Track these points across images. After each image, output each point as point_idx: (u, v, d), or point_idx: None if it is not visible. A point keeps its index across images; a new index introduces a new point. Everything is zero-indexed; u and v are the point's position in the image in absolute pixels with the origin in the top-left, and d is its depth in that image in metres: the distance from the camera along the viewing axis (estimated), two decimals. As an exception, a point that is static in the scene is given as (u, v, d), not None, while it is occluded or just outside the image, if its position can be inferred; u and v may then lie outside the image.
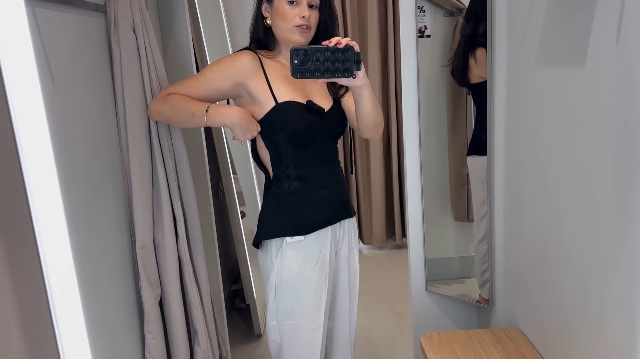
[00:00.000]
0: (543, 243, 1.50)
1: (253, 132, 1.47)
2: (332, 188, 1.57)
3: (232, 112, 1.46)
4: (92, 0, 1.44)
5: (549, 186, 1.43)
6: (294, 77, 1.33)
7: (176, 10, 1.95)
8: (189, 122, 1.50)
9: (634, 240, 1.03)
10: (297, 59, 1.31)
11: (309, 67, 1.31)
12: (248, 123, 1.46)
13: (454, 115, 2.12)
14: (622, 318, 1.10)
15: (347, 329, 1.72)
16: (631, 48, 1.00)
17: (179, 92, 1.50)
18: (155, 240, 1.58)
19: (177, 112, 1.48)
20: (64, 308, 1.08)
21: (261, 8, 1.55)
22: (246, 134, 1.47)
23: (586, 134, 1.20)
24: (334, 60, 1.31)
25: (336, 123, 1.59)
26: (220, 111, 1.46)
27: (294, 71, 1.32)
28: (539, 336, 1.59)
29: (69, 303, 1.16)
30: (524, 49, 1.52)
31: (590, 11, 1.14)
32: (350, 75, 1.34)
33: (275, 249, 1.54)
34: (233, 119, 1.45)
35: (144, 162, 1.53)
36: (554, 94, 1.36)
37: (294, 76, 1.33)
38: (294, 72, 1.32)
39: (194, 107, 1.46)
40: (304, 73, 1.32)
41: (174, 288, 1.61)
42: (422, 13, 2.01)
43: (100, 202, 1.42)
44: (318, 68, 1.31)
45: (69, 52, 1.32)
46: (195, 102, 1.48)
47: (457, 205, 2.20)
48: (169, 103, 1.48)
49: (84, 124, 1.36)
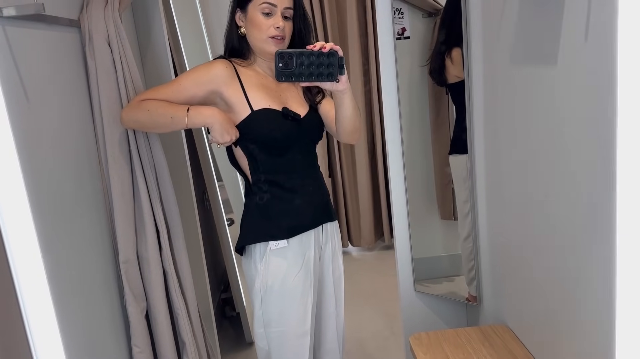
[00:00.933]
0: (525, 240, 1.51)
1: (232, 135, 1.46)
2: (312, 192, 1.58)
3: (213, 111, 1.45)
4: (66, 16, 1.44)
5: (528, 183, 1.44)
6: (279, 80, 1.34)
7: (152, 22, 1.94)
8: (167, 126, 1.46)
9: (609, 234, 1.05)
10: (281, 62, 1.32)
11: (293, 71, 1.32)
12: (228, 125, 1.45)
13: (436, 115, 2.13)
14: (601, 314, 1.11)
15: (335, 333, 1.72)
16: (599, 44, 1.02)
17: (153, 97, 1.48)
18: (139, 253, 1.58)
19: (155, 117, 1.45)
20: (40, 330, 1.08)
21: (235, 17, 1.55)
22: (225, 136, 1.44)
23: (562, 130, 1.22)
24: (318, 64, 1.32)
25: (313, 129, 1.59)
26: (199, 111, 1.45)
27: (278, 74, 1.33)
28: (526, 332, 1.60)
29: (44, 324, 1.15)
30: (499, 47, 1.53)
31: (559, 10, 1.16)
32: (333, 79, 1.35)
33: (259, 255, 1.54)
34: (214, 118, 1.44)
35: (124, 176, 1.52)
36: (530, 92, 1.37)
37: (279, 79, 1.34)
38: (279, 75, 1.33)
39: (172, 110, 1.45)
40: (288, 76, 1.33)
41: (160, 301, 1.60)
42: (400, 15, 2.02)
43: (81, 218, 1.41)
44: (302, 72, 1.32)
45: (44, 69, 1.31)
46: (174, 105, 1.46)
47: (442, 203, 2.21)
48: (145, 109, 1.45)
49: (61, 141, 1.35)
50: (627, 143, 0.97)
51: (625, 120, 0.97)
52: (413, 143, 2.12)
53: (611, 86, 0.98)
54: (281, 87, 1.57)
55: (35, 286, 1.17)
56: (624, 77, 0.95)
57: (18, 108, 1.16)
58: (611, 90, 0.98)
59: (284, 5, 1.49)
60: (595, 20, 1.03)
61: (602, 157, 1.05)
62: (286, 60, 1.32)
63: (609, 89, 0.99)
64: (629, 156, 0.97)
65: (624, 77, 0.95)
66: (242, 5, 1.52)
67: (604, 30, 0.99)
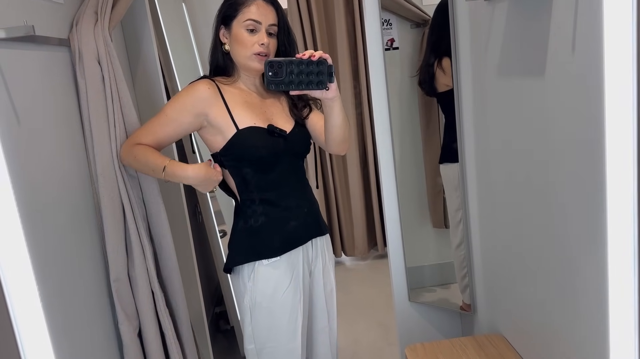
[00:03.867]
0: (517, 249, 1.52)
1: (214, 183, 1.48)
2: (300, 208, 1.58)
3: (188, 174, 1.45)
4: (55, 35, 1.44)
5: (518, 191, 1.45)
6: (269, 88, 1.35)
7: (142, 39, 1.94)
8: (152, 175, 1.51)
9: (601, 243, 1.06)
10: (271, 71, 1.32)
11: (283, 79, 1.33)
12: (205, 180, 1.46)
13: (426, 125, 2.15)
14: (594, 323, 1.12)
15: (328, 347, 1.72)
16: (586, 55, 1.03)
17: (143, 138, 1.50)
18: (129, 272, 1.57)
19: (140, 166, 1.50)
20: (33, 350, 1.07)
21: (219, 34, 1.55)
22: (208, 187, 1.48)
23: (551, 139, 1.23)
24: (308, 73, 1.33)
25: (299, 144, 1.59)
26: (175, 173, 1.45)
27: (268, 83, 1.33)
28: (520, 341, 1.60)
29: (37, 344, 1.14)
30: (487, 58, 1.55)
31: (547, 23, 1.17)
32: (323, 87, 1.36)
33: (248, 273, 1.53)
34: (190, 181, 1.46)
35: (114, 194, 1.52)
36: (519, 101, 1.38)
37: (269, 87, 1.34)
38: (269, 84, 1.34)
39: (152, 163, 1.46)
40: (278, 84, 1.34)
41: (150, 320, 1.59)
42: (389, 26, 2.04)
43: (73, 236, 1.41)
44: (292, 80, 1.33)
45: (35, 89, 1.31)
46: (155, 156, 1.47)
47: (434, 212, 2.22)
48: (133, 155, 1.49)
49: (53, 160, 1.35)
50: (615, 151, 0.99)
51: (612, 129, 0.98)
52: (404, 153, 2.13)
53: (599, 95, 1.00)
54: (266, 104, 1.57)
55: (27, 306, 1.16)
56: (611, 87, 0.97)
57: (9, 129, 1.16)
58: (599, 99, 1.00)
59: (269, 22, 1.50)
60: (582, 33, 1.04)
61: (591, 165, 1.06)
62: (276, 69, 1.32)
63: (596, 99, 1.01)
64: (618, 164, 0.98)
65: (611, 87, 0.97)
66: (227, 22, 1.52)
67: (591, 42, 1.01)
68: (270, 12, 1.50)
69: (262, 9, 1.49)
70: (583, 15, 1.03)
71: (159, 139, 1.51)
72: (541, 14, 1.19)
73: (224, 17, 1.53)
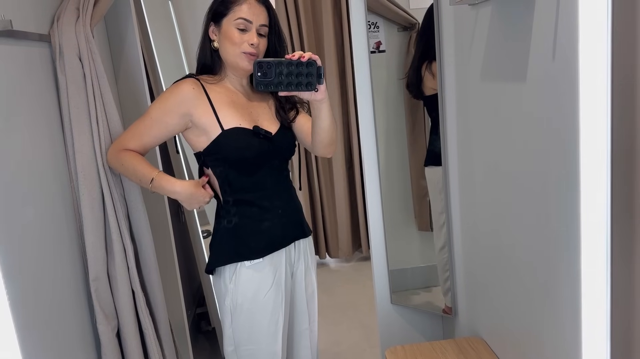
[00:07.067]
0: (497, 252, 1.53)
1: (201, 203, 1.48)
2: (284, 210, 1.57)
3: (175, 188, 1.46)
4: (35, 31, 1.42)
5: (500, 196, 1.46)
6: (257, 89, 1.34)
7: (126, 35, 1.92)
8: (138, 184, 1.51)
9: (575, 248, 1.06)
10: (260, 72, 1.31)
11: (272, 80, 1.32)
12: (191, 198, 1.46)
13: (412, 128, 2.15)
14: (568, 327, 1.12)
15: (309, 349, 1.71)
16: (565, 61, 1.04)
17: (129, 142, 1.49)
18: (109, 271, 1.55)
19: (128, 173, 1.50)
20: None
21: (209, 30, 1.54)
22: (194, 205, 1.48)
23: (531, 143, 1.24)
24: (297, 74, 1.32)
25: (284, 146, 1.58)
26: (162, 186, 1.46)
27: (257, 83, 1.32)
28: (500, 344, 1.61)
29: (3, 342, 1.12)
30: (470, 63, 1.55)
31: (528, 31, 1.18)
32: (312, 89, 1.35)
33: (229, 274, 1.52)
34: (176, 196, 1.46)
35: (93, 192, 1.50)
36: (500, 106, 1.39)
37: (257, 88, 1.33)
38: (257, 85, 1.32)
39: (140, 172, 1.46)
40: (267, 85, 1.32)
41: (129, 320, 1.58)
42: (376, 29, 2.04)
43: (51, 234, 1.39)
44: (281, 81, 1.32)
45: (13, 84, 1.29)
46: (143, 165, 1.47)
47: (420, 215, 2.23)
48: (120, 162, 1.48)
49: (31, 157, 1.33)
50: (590, 157, 1.00)
51: (588, 134, 0.99)
52: (390, 155, 2.13)
53: (575, 100, 1.01)
54: (252, 104, 1.56)
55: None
56: (586, 92, 0.98)
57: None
58: (576, 104, 1.01)
59: (260, 22, 1.48)
60: (563, 40, 1.05)
61: (567, 169, 1.07)
62: (265, 70, 1.31)
63: (573, 103, 1.02)
64: (592, 171, 1.00)
65: (586, 92, 0.98)
66: (217, 20, 1.50)
67: (570, 48, 1.02)
68: (261, 12, 1.49)
69: (253, 9, 1.47)
70: (563, 22, 1.04)
71: (144, 142, 1.50)
72: (523, 20, 1.20)
73: (215, 14, 1.51)
